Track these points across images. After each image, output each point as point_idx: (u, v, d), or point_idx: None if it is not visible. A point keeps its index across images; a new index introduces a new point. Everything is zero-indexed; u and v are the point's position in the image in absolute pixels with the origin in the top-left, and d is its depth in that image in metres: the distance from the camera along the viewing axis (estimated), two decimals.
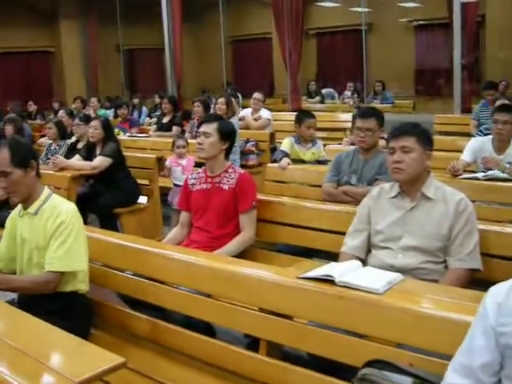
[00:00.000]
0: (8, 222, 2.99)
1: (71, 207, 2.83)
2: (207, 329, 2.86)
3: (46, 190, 2.88)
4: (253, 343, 2.63)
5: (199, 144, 3.55)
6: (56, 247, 2.70)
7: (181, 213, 3.80)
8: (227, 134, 3.60)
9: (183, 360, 2.69)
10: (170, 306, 2.84)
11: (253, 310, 2.50)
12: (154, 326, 2.83)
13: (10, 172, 2.71)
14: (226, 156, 3.64)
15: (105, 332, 2.99)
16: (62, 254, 2.70)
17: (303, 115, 5.46)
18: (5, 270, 2.93)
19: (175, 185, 6.01)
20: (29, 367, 1.87)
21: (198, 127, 3.67)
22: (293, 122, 5.57)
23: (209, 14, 15.77)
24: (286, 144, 5.41)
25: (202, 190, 3.61)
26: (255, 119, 7.68)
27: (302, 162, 5.26)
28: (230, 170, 3.59)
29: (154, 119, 10.02)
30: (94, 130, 5.63)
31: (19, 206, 2.91)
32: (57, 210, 2.76)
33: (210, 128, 3.55)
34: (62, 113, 7.89)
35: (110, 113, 10.72)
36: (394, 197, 2.96)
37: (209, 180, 3.61)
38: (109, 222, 5.39)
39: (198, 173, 3.73)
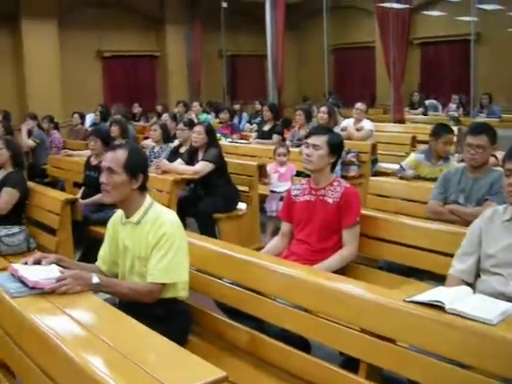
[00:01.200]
0: (110, 226, 3.04)
1: (173, 218, 2.83)
2: (303, 343, 2.83)
3: (148, 199, 2.89)
4: (348, 362, 2.58)
5: (307, 156, 3.51)
6: (158, 259, 2.72)
7: (282, 223, 3.78)
8: (336, 148, 3.56)
9: (278, 374, 2.66)
10: (268, 317, 2.82)
11: (353, 329, 2.44)
12: (252, 337, 2.82)
13: (116, 172, 2.76)
14: (332, 169, 3.59)
15: (202, 339, 2.99)
16: (163, 266, 2.72)
17: (441, 129, 4.91)
18: (108, 273, 2.98)
19: (271, 191, 6.05)
20: (130, 373, 1.85)
21: (306, 137, 3.63)
22: (395, 134, 5.40)
23: (312, 21, 15.75)
24: (410, 161, 4.99)
25: (305, 202, 3.58)
26: (357, 129, 7.58)
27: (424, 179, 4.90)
28: (335, 183, 3.54)
29: (254, 125, 10.12)
30: (197, 135, 5.74)
31: (121, 212, 2.95)
32: (159, 221, 2.77)
33: (320, 140, 3.51)
34: (165, 116, 8.11)
35: (211, 117, 10.92)
36: (508, 220, 2.80)
37: (313, 192, 3.57)
38: (207, 227, 5.46)
39: (302, 184, 3.70)
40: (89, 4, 13.26)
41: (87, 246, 5.45)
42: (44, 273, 2.61)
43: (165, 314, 2.76)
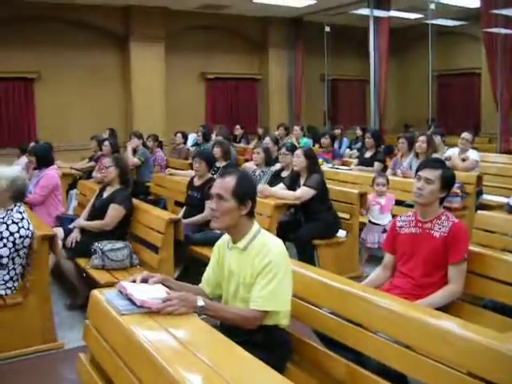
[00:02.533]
0: (216, 250, 3.09)
1: (280, 246, 2.85)
2: (402, 379, 2.76)
3: (256, 226, 2.93)
4: None
5: (419, 189, 3.46)
6: (262, 286, 2.74)
7: (385, 254, 3.74)
8: (448, 183, 3.50)
9: None
10: (367, 351, 2.76)
11: (459, 371, 2.36)
12: (350, 369, 2.77)
13: (225, 198, 2.82)
14: (441, 203, 3.52)
15: (300, 369, 2.97)
16: (267, 294, 2.73)
17: None
18: (211, 296, 3.03)
19: (371, 222, 5.98)
20: None
21: (418, 170, 3.58)
22: (501, 165, 5.19)
23: (415, 46, 15.58)
24: None
25: (410, 235, 3.52)
26: (462, 160, 7.38)
27: None
28: (442, 217, 3.46)
29: (354, 151, 10.06)
30: (296, 159, 5.79)
31: (227, 236, 3.00)
32: (266, 248, 2.79)
33: (433, 175, 3.47)
34: (267, 139, 8.21)
35: (311, 142, 10.95)
36: None
37: (419, 225, 3.51)
38: (306, 253, 5.48)
39: (408, 216, 3.64)
40: (195, 27, 13.73)
41: (186, 264, 5.60)
42: (151, 292, 2.69)
43: (266, 341, 2.76)
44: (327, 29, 14.48)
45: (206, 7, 12.82)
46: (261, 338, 2.76)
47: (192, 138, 11.62)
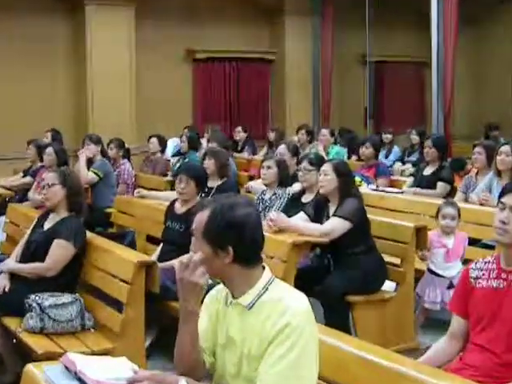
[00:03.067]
0: (209, 303, 3.06)
1: (302, 302, 2.81)
2: None
3: (266, 275, 2.90)
4: None
5: (502, 223, 3.42)
6: (274, 360, 2.69)
7: (453, 317, 3.72)
8: None
9: None
10: None
11: None
12: None
13: (199, 240, 2.83)
14: None
15: None
16: (280, 371, 2.68)
17: None
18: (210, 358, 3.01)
19: (431, 272, 5.95)
20: None
21: (501, 196, 3.55)
22: None
23: (498, 14, 15.62)
24: None
25: (490, 290, 3.49)
26: None
27: None
28: None
29: (409, 166, 10.04)
30: (323, 177, 5.79)
31: (223, 287, 3.00)
32: (281, 306, 2.76)
33: None
34: (282, 148, 8.16)
35: (345, 152, 10.95)
36: None
37: (503, 275, 3.47)
38: (337, 313, 5.44)
39: (487, 262, 3.62)
40: None
41: (162, 328, 5.59)
42: (111, 369, 2.70)
43: None
44: None
45: None
46: None
47: (173, 144, 11.67)
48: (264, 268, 2.92)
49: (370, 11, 14.55)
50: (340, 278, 5.61)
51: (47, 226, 5.53)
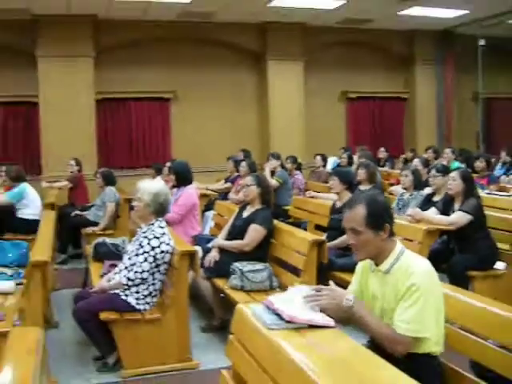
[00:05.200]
0: (359, 271, 3.12)
1: (426, 267, 2.82)
2: None
3: (399, 246, 2.92)
4: None
5: None
6: (403, 310, 2.73)
7: None
8: None
9: None
10: None
11: None
12: None
13: (360, 231, 2.85)
14: None
15: None
16: (408, 318, 2.71)
17: None
18: None
19: None
20: None
21: None
22: None
23: None
24: None
25: None
26: None
27: None
28: None
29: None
30: (452, 182, 5.70)
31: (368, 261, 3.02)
32: (410, 270, 2.78)
33: None
34: (416, 161, 8.12)
35: (464, 166, 10.66)
36: None
37: None
38: (460, 285, 5.31)
39: None
40: (335, 44, 13.81)
41: None
42: (300, 307, 2.77)
43: (416, 371, 2.69)
44: (481, 42, 13.99)
45: (347, 22, 12.89)
46: (411, 367, 2.68)
47: (332, 160, 11.72)
48: (396, 241, 2.95)
49: (481, 58, 14.12)
50: (462, 257, 5.52)
51: (245, 214, 5.72)
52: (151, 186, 4.81)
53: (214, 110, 13.12)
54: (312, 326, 2.68)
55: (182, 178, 6.71)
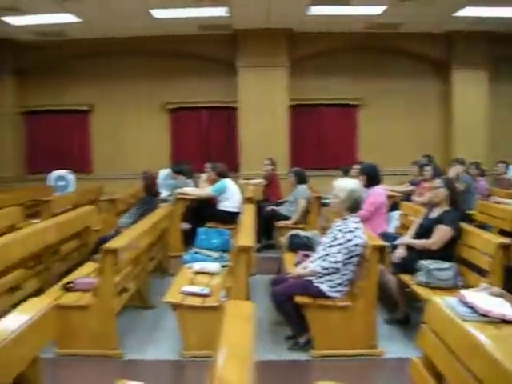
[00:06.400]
0: None
1: None
2: None
3: None
4: None
5: None
6: None
7: None
8: None
9: None
10: None
11: None
12: None
13: None
14: None
15: None
16: None
17: None
18: None
19: None
20: None
21: None
22: None
23: None
24: None
25: None
26: None
27: None
28: None
29: None
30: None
31: None
32: None
33: None
34: None
35: None
36: None
37: None
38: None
39: None
40: None
41: None
42: (494, 303, 2.78)
43: None
44: None
45: None
46: None
47: None
48: None
49: None
50: None
51: (433, 215, 5.67)
52: (347, 183, 4.96)
53: (399, 115, 13.04)
54: (505, 321, 2.68)
55: (372, 178, 6.83)
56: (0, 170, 12.88)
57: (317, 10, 10.57)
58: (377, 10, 10.59)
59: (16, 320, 2.67)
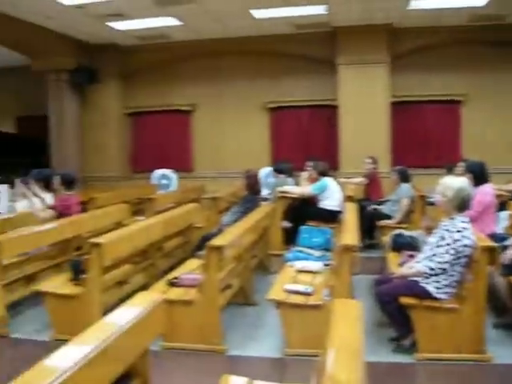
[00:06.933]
0: None
1: None
2: None
3: None
4: None
5: None
6: None
7: None
8: None
9: None
10: None
11: None
12: None
13: None
14: None
15: None
16: None
17: None
18: None
19: None
20: None
21: None
22: None
23: None
24: None
25: None
26: None
27: None
28: None
29: None
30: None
31: None
32: None
33: None
34: None
35: None
36: None
37: None
38: None
39: None
40: None
41: None
42: None
43: None
44: None
45: None
46: None
47: None
48: None
49: None
50: None
51: None
52: (454, 182, 4.80)
53: (506, 111, 12.43)
54: None
55: (479, 177, 6.56)
56: (107, 169, 13.46)
57: (418, 4, 10.33)
58: (480, 1, 10.23)
59: (128, 312, 2.78)
